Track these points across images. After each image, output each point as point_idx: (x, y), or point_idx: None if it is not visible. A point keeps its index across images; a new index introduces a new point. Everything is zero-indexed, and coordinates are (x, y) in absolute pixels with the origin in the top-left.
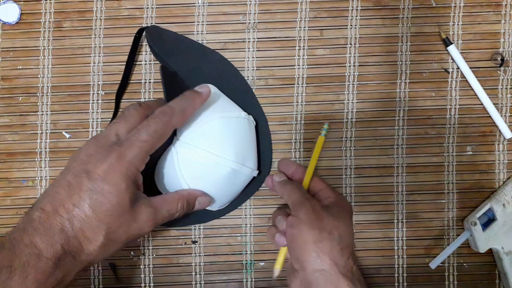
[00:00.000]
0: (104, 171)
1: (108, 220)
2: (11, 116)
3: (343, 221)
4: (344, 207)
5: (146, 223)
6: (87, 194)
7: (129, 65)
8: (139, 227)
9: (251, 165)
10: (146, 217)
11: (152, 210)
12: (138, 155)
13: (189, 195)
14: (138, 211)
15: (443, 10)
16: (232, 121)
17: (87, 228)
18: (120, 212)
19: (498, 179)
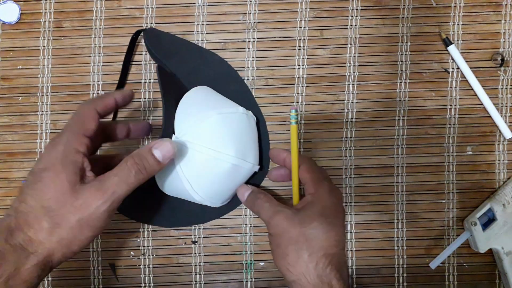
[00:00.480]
0: (43, 161)
1: (49, 204)
2: (11, 116)
3: (316, 223)
4: (324, 204)
5: (92, 197)
6: (29, 187)
7: (126, 66)
8: (85, 203)
9: (251, 160)
10: (90, 191)
11: (96, 183)
12: (67, 137)
13: (139, 150)
14: (81, 191)
15: (443, 10)
16: (230, 117)
17: (30, 217)
18: (59, 194)
19: (498, 179)
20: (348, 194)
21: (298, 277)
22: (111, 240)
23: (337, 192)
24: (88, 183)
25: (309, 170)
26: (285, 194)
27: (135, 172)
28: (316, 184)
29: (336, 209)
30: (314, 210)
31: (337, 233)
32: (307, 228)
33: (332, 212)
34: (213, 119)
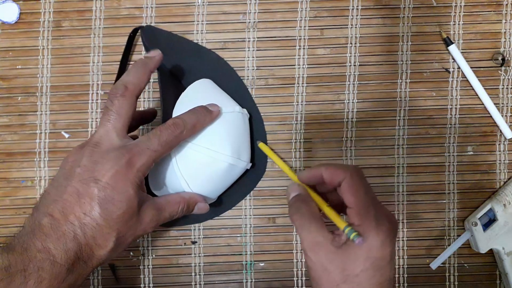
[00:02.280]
0: (113, 179)
1: (118, 227)
2: (10, 116)
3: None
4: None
5: (149, 224)
6: (97, 203)
7: (123, 64)
8: (143, 228)
9: (245, 158)
10: (150, 218)
11: (156, 212)
12: (146, 163)
13: (190, 199)
14: (143, 213)
15: (444, 9)
16: (227, 116)
17: (98, 235)
18: (128, 217)
19: (499, 179)
20: None
21: None
22: None
23: (386, 225)
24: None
25: (353, 190)
26: (285, 194)
27: (179, 215)
28: (361, 213)
29: (384, 249)
30: (358, 252)
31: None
32: (350, 275)
33: (379, 253)
34: None
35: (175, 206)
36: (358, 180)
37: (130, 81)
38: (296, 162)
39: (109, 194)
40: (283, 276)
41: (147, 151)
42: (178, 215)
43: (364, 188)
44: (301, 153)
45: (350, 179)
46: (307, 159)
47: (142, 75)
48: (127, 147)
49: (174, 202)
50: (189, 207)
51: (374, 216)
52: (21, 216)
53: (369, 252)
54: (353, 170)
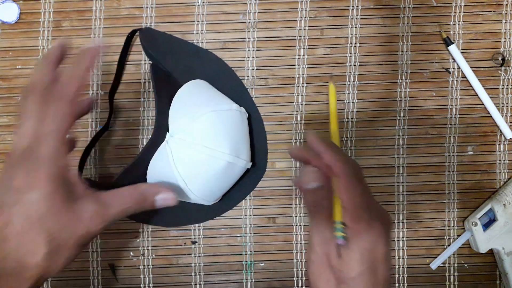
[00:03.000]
0: (26, 180)
1: (45, 227)
2: (10, 116)
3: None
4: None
5: (92, 221)
6: (16, 208)
7: (121, 65)
8: (85, 226)
9: (244, 157)
10: (91, 214)
11: (98, 207)
12: (51, 149)
13: (147, 190)
14: (80, 209)
15: (444, 9)
16: (224, 114)
17: (24, 241)
18: (56, 215)
19: (499, 180)
20: None
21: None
22: (110, 241)
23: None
24: (85, 201)
25: (349, 192)
26: (286, 195)
27: (135, 208)
28: (353, 216)
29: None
30: (352, 255)
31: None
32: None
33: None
34: (207, 116)
35: (127, 199)
36: (356, 182)
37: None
38: (296, 162)
39: (25, 196)
40: (283, 276)
41: (44, 137)
42: (135, 209)
43: (360, 190)
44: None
45: (347, 180)
46: None
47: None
48: (29, 143)
49: (124, 195)
50: (146, 199)
51: (367, 220)
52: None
53: (362, 256)
54: (352, 171)
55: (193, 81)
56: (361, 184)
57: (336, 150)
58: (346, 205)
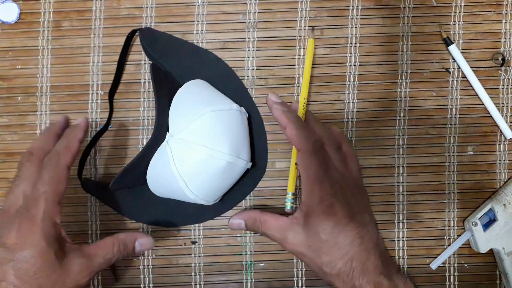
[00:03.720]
0: (20, 237)
1: (38, 283)
2: (10, 116)
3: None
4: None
5: (80, 274)
6: (10, 266)
7: (120, 65)
8: (74, 279)
9: (244, 157)
10: (79, 268)
11: (84, 260)
12: (47, 209)
13: (126, 237)
14: (69, 264)
15: (444, 9)
16: (224, 114)
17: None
18: (48, 271)
19: (499, 179)
20: None
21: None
22: None
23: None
24: (73, 255)
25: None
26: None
27: (117, 256)
28: (306, 190)
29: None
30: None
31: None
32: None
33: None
34: (207, 116)
35: (108, 248)
36: (308, 159)
37: (35, 147)
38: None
39: (19, 253)
40: (283, 276)
41: (39, 198)
42: (116, 257)
43: (314, 168)
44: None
45: (301, 157)
46: None
47: (47, 139)
48: (25, 203)
49: (106, 245)
50: (127, 247)
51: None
52: None
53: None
54: (305, 148)
55: (193, 81)
56: (316, 162)
57: (297, 124)
58: (302, 181)
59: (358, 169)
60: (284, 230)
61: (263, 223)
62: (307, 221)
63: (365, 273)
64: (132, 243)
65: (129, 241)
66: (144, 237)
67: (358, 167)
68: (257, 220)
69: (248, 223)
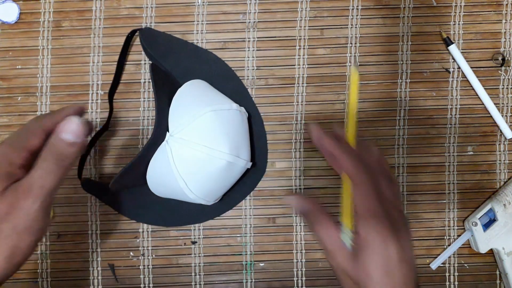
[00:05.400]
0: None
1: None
2: (10, 116)
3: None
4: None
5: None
6: None
7: (120, 65)
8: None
9: (244, 156)
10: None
11: (20, 188)
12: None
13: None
14: (8, 195)
15: (444, 9)
16: (224, 114)
17: None
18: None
19: (499, 179)
20: None
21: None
22: (110, 241)
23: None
24: (14, 187)
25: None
26: (285, 194)
27: (55, 160)
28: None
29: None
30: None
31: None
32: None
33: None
34: (207, 116)
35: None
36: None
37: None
38: (296, 162)
39: None
40: (283, 276)
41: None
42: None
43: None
44: (301, 153)
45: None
46: (307, 159)
47: None
48: None
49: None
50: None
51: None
52: None
53: (376, 261)
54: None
55: (193, 81)
56: (374, 193)
57: (352, 155)
58: (359, 211)
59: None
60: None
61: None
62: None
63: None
64: (57, 140)
65: (53, 140)
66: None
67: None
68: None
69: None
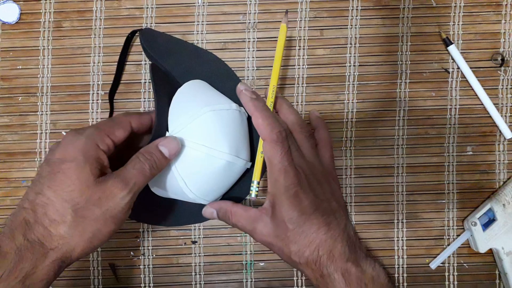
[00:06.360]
0: (62, 152)
1: (72, 196)
2: (11, 116)
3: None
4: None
5: (116, 188)
6: (47, 178)
7: (120, 66)
8: (110, 194)
9: (244, 156)
10: (115, 182)
11: (119, 179)
12: (91, 131)
13: (147, 148)
14: (105, 183)
15: (444, 10)
16: (223, 113)
17: (51, 210)
18: (83, 186)
19: (498, 179)
20: (348, 194)
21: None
22: (111, 240)
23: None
24: (109, 176)
25: (265, 151)
26: None
27: (149, 166)
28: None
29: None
30: (279, 217)
31: (308, 230)
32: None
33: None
34: (206, 116)
35: (135, 160)
36: (272, 148)
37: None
38: None
39: (57, 165)
40: (283, 276)
41: (91, 126)
42: (149, 166)
43: (278, 157)
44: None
45: (266, 146)
46: None
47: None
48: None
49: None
50: (152, 153)
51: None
52: None
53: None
54: (270, 138)
55: (193, 81)
56: (283, 149)
57: (263, 113)
58: (267, 167)
59: (330, 155)
60: (253, 221)
61: (233, 214)
62: (274, 211)
63: (332, 261)
64: (156, 149)
65: (152, 148)
66: (164, 139)
67: (331, 153)
68: (228, 211)
69: (219, 213)
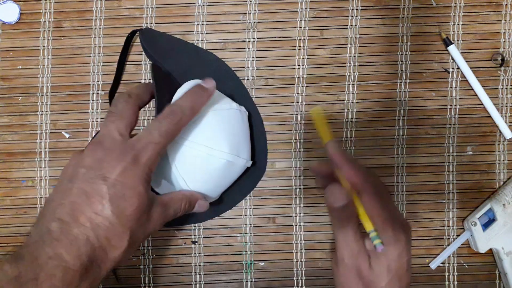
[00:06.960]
0: (122, 175)
1: (131, 224)
2: (11, 116)
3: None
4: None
5: (158, 221)
6: (109, 201)
7: (120, 66)
8: (153, 226)
9: (245, 156)
10: (158, 215)
11: (161, 209)
12: (152, 157)
13: (192, 196)
14: (152, 210)
15: (444, 10)
16: (224, 113)
17: (112, 235)
18: (140, 214)
19: (499, 179)
20: None
21: None
22: None
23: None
24: (155, 204)
25: (374, 204)
26: (286, 195)
27: (183, 211)
28: (380, 227)
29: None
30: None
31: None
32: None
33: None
34: (207, 115)
35: (178, 203)
36: (380, 193)
37: (133, 92)
38: (296, 162)
39: (120, 190)
40: (283, 276)
41: (150, 145)
42: (181, 212)
43: (385, 200)
44: (301, 153)
45: (372, 192)
46: (307, 159)
47: (145, 90)
48: (130, 143)
49: (177, 199)
50: (190, 204)
51: (392, 230)
52: (21, 216)
53: (390, 266)
54: (374, 182)
55: (193, 81)
56: (385, 195)
57: (356, 165)
58: (374, 218)
59: None
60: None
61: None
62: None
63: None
64: (194, 203)
65: (193, 200)
66: (203, 199)
67: None
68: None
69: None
